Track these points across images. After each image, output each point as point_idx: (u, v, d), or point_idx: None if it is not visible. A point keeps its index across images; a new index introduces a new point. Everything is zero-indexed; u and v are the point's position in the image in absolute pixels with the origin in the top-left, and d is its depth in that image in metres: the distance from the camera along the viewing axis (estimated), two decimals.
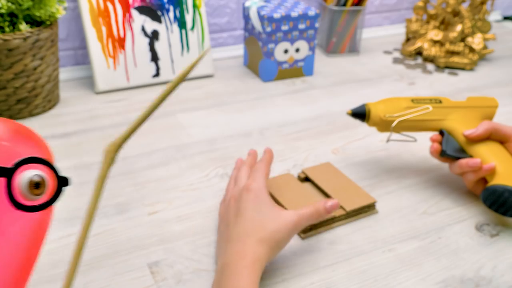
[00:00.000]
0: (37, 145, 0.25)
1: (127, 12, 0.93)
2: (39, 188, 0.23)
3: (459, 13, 1.12)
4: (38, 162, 0.23)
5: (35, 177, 0.23)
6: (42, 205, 0.23)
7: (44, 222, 0.25)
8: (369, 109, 0.67)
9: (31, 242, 0.25)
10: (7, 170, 0.22)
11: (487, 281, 0.54)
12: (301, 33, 0.99)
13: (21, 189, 0.22)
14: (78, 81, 0.99)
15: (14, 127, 0.24)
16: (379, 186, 0.70)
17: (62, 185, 0.24)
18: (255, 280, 0.47)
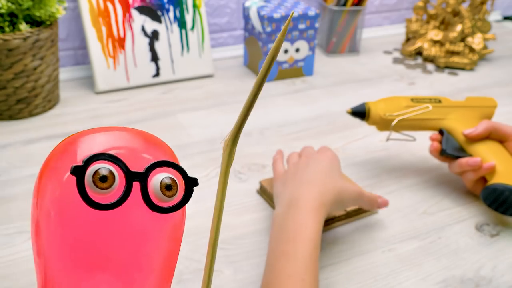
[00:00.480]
0: (163, 149, 0.26)
1: (127, 12, 0.93)
2: (171, 190, 0.24)
3: (459, 13, 1.12)
4: (167, 165, 0.24)
5: (166, 179, 0.24)
6: (176, 205, 0.24)
7: (179, 223, 0.26)
8: (369, 108, 0.67)
9: (170, 242, 0.26)
10: (140, 175, 0.23)
11: (487, 281, 0.54)
12: (301, 33, 0.99)
13: (154, 192, 0.24)
14: (78, 81, 0.99)
15: (142, 135, 0.26)
16: (379, 186, 0.70)
17: (192, 186, 0.25)
18: (320, 219, 0.52)
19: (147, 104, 0.90)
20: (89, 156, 0.22)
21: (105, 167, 0.22)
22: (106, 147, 0.24)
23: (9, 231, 0.59)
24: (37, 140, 0.78)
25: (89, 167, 0.22)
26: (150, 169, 0.24)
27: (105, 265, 0.24)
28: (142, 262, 0.25)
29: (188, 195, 0.25)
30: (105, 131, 0.25)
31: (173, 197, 0.24)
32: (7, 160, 0.73)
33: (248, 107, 0.22)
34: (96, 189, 0.22)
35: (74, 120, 0.84)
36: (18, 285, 0.52)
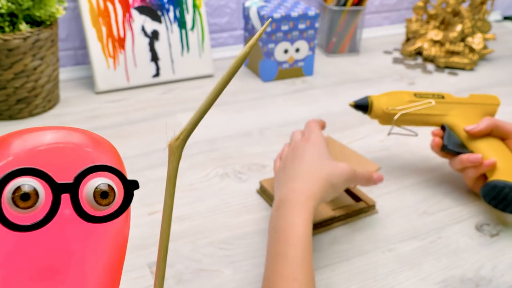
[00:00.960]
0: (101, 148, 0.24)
1: (127, 12, 0.93)
2: (107, 197, 0.22)
3: (459, 13, 1.12)
4: (102, 169, 0.22)
5: (101, 186, 0.22)
6: (113, 213, 0.22)
7: (121, 228, 0.25)
8: (371, 101, 0.67)
9: (112, 250, 0.24)
10: (69, 186, 0.21)
11: (487, 281, 0.54)
12: (301, 33, 0.99)
13: (88, 201, 0.22)
14: (78, 81, 0.99)
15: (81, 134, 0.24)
16: (379, 186, 0.70)
17: (132, 189, 0.23)
18: (308, 216, 0.51)
19: (147, 104, 0.90)
20: (6, 174, 0.19)
21: (27, 183, 0.20)
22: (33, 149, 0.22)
23: None
24: None
25: (8, 184, 0.20)
26: (81, 177, 0.21)
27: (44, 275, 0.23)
28: (85, 273, 0.23)
29: (127, 200, 0.23)
30: (33, 131, 0.23)
31: (110, 205, 0.22)
32: None
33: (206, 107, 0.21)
34: (17, 209, 0.20)
35: (74, 120, 0.84)
36: None
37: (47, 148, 0.22)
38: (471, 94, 0.71)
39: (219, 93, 0.21)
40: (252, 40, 0.21)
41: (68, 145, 0.23)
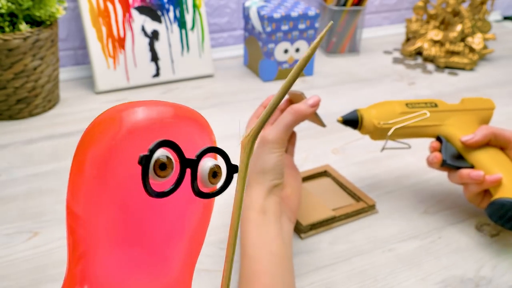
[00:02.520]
0: (206, 128, 0.27)
1: (127, 12, 0.93)
2: (216, 177, 0.24)
3: (459, 13, 1.12)
4: (214, 151, 0.24)
5: (214, 166, 0.24)
6: (218, 191, 0.25)
7: (211, 204, 0.27)
8: (361, 116, 0.61)
9: (201, 222, 0.27)
10: (192, 162, 0.23)
11: (487, 281, 0.54)
12: (301, 33, 0.99)
13: (202, 178, 0.24)
14: (78, 81, 0.99)
15: (183, 112, 0.26)
16: (379, 186, 0.70)
17: (233, 172, 0.25)
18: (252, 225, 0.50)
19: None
20: (155, 144, 0.22)
21: (166, 155, 0.22)
22: (159, 121, 0.24)
23: (9, 231, 0.59)
24: (37, 140, 0.78)
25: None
26: (201, 156, 0.24)
27: (140, 240, 0.25)
28: (174, 240, 0.26)
29: (228, 181, 0.25)
30: (152, 104, 0.25)
31: (216, 184, 0.25)
32: (7, 160, 0.73)
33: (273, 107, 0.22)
34: (155, 176, 0.22)
35: (74, 120, 0.84)
36: (18, 285, 0.52)
37: (170, 122, 0.25)
38: (463, 99, 0.66)
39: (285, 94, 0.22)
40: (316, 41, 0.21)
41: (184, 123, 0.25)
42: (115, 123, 0.24)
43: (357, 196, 0.65)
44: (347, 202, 0.65)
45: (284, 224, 0.51)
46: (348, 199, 0.65)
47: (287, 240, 0.51)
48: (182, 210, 0.26)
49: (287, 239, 0.51)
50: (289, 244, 0.51)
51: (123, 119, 0.24)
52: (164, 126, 0.25)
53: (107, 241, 0.24)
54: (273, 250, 0.48)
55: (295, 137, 0.61)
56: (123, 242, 0.25)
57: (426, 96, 0.97)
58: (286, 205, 0.53)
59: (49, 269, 0.54)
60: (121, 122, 0.24)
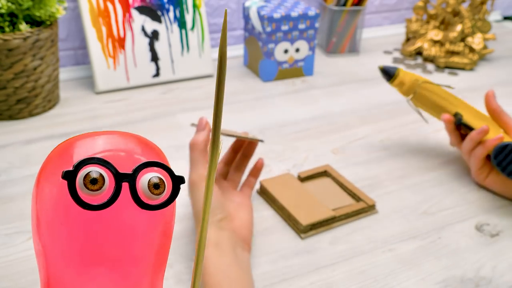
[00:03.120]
0: (153, 150, 0.28)
1: (127, 12, 0.93)
2: (158, 188, 0.25)
3: (459, 13, 1.12)
4: (155, 165, 0.26)
5: (154, 178, 0.25)
6: (164, 203, 0.26)
7: (169, 218, 0.28)
8: (399, 71, 0.72)
9: (161, 237, 0.28)
10: (128, 176, 0.25)
11: (487, 281, 0.54)
12: (301, 33, 0.99)
13: (143, 191, 0.25)
14: (78, 81, 0.99)
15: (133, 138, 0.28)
16: (379, 186, 0.70)
17: (179, 184, 0.26)
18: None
19: (147, 104, 0.91)
20: (79, 161, 0.24)
21: (95, 170, 0.24)
22: (98, 150, 0.26)
23: (9, 231, 0.59)
24: (37, 140, 0.78)
25: (80, 171, 0.24)
26: (138, 170, 0.25)
27: (101, 259, 0.26)
28: (136, 256, 0.27)
29: (175, 192, 0.26)
30: (97, 135, 0.27)
31: (161, 195, 0.25)
32: (7, 160, 0.73)
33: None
34: (87, 191, 0.24)
35: (74, 120, 0.84)
36: (18, 285, 0.52)
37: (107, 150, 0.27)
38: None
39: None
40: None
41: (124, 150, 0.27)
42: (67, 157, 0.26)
43: (357, 196, 0.65)
44: (347, 202, 0.65)
45: (239, 254, 0.52)
46: (348, 199, 0.65)
47: (245, 268, 0.52)
48: (136, 226, 0.27)
49: (245, 267, 0.52)
50: (248, 271, 0.52)
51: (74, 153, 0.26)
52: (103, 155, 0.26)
53: (74, 259, 0.26)
54: (232, 276, 0.49)
55: (257, 170, 0.64)
56: (84, 262, 0.26)
57: None
58: (237, 236, 0.54)
59: None
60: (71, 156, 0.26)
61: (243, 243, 0.54)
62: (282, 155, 0.76)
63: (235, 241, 0.53)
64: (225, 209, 0.55)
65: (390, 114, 0.89)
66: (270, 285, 0.53)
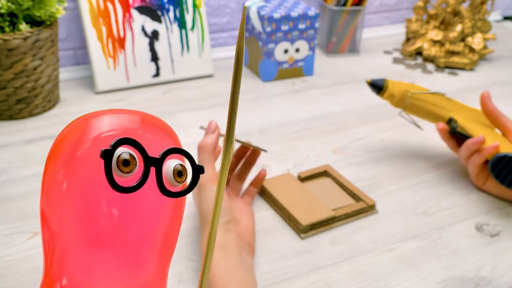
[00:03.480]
0: (171, 135, 0.28)
1: (127, 12, 0.93)
2: (181, 176, 0.25)
3: (459, 13, 1.12)
4: (179, 152, 0.25)
5: (178, 166, 0.25)
6: (184, 190, 0.25)
7: (182, 205, 0.28)
8: (387, 83, 0.71)
9: (172, 223, 0.28)
10: (157, 160, 0.25)
11: (487, 281, 0.54)
12: (301, 33, 0.99)
13: (167, 177, 0.25)
14: (78, 81, 0.99)
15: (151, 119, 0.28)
16: (379, 186, 0.70)
17: (198, 173, 0.26)
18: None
19: (147, 104, 0.90)
20: (116, 140, 0.23)
21: (128, 152, 0.23)
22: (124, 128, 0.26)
23: (9, 231, 0.59)
24: (37, 140, 0.78)
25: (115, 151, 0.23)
26: (165, 155, 0.25)
27: (111, 242, 0.26)
28: (147, 241, 0.27)
29: (195, 181, 0.26)
30: (117, 113, 0.27)
31: (182, 183, 0.25)
32: (7, 160, 0.73)
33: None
34: (119, 172, 0.23)
35: None
36: (18, 285, 0.52)
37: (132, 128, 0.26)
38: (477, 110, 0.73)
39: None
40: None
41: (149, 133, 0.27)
42: (80, 132, 0.25)
43: (357, 196, 0.65)
44: (347, 202, 0.65)
45: (244, 257, 0.52)
46: (348, 199, 0.65)
47: (249, 270, 0.52)
48: (152, 211, 0.26)
49: (249, 269, 0.52)
50: (252, 274, 0.52)
51: (88, 127, 0.25)
52: (129, 134, 0.26)
53: (78, 241, 0.25)
54: (237, 278, 0.49)
55: (259, 181, 0.64)
56: (94, 242, 0.25)
57: None
58: (242, 239, 0.55)
59: None
60: (85, 130, 0.25)
61: (248, 247, 0.55)
62: (282, 155, 0.76)
63: (240, 244, 0.53)
64: (232, 212, 0.55)
65: (390, 114, 0.89)
66: (270, 285, 0.53)
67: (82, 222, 0.25)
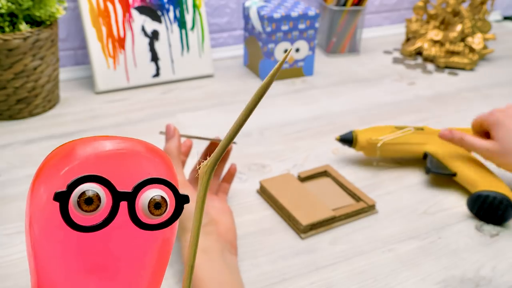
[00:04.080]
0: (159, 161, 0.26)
1: (127, 12, 0.93)
2: (159, 208, 0.23)
3: (459, 13, 1.12)
4: (158, 182, 0.24)
5: (155, 197, 0.23)
6: (164, 223, 0.24)
7: (169, 237, 0.26)
8: (356, 135, 0.72)
9: (159, 254, 0.26)
10: (128, 194, 0.23)
11: (487, 281, 0.54)
12: (301, 33, 0.99)
13: (143, 210, 0.23)
14: (78, 81, 0.99)
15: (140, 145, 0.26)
16: (379, 186, 0.70)
17: (182, 203, 0.24)
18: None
19: (147, 104, 0.91)
20: (73, 180, 0.22)
21: (91, 189, 0.22)
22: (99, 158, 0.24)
23: (9, 231, 0.59)
24: (37, 140, 0.78)
25: (75, 189, 0.22)
26: (139, 188, 0.23)
27: (94, 269, 0.25)
28: (130, 272, 0.25)
29: (177, 212, 0.24)
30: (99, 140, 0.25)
31: (162, 215, 0.24)
32: (7, 160, 0.73)
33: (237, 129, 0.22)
34: (81, 211, 0.22)
35: (74, 120, 0.84)
36: (19, 285, 0.52)
37: (109, 154, 0.24)
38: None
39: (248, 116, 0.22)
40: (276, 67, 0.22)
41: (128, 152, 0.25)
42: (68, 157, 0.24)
43: (357, 196, 0.65)
44: (347, 202, 0.65)
45: (227, 258, 0.52)
46: (348, 199, 0.65)
47: (235, 271, 0.52)
48: (133, 244, 0.25)
49: (234, 270, 0.52)
50: (237, 274, 0.52)
51: (76, 153, 0.24)
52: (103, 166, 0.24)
53: (67, 274, 0.24)
54: (222, 280, 0.49)
55: (230, 176, 0.64)
56: (83, 278, 0.25)
57: (427, 96, 0.97)
58: (224, 240, 0.54)
59: None
60: (73, 156, 0.24)
61: (230, 246, 0.55)
62: (282, 155, 0.76)
63: (223, 245, 0.53)
64: (209, 214, 0.54)
65: (390, 114, 0.89)
66: (270, 285, 0.53)
67: (68, 256, 0.24)
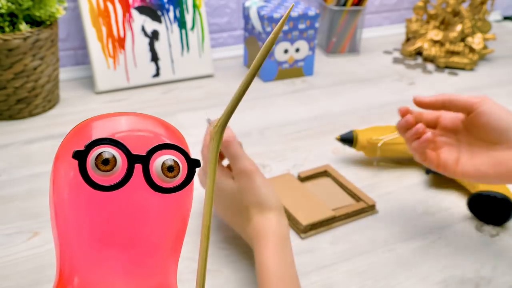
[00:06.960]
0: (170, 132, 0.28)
1: (127, 12, 0.93)
2: (172, 171, 0.25)
3: (459, 13, 1.12)
4: (170, 147, 0.25)
5: (168, 161, 0.25)
6: (178, 186, 0.25)
7: (185, 202, 0.28)
8: (356, 135, 0.72)
9: (175, 221, 0.27)
10: (142, 157, 0.24)
11: (487, 281, 0.54)
12: (301, 33, 0.99)
13: (157, 173, 0.25)
14: (78, 81, 0.99)
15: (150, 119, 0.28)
16: (379, 186, 0.70)
17: (194, 167, 0.25)
18: None
19: (147, 104, 0.91)
20: (91, 141, 0.23)
21: (107, 151, 0.24)
22: (115, 131, 0.26)
23: (9, 231, 0.59)
24: (37, 140, 0.78)
25: (93, 151, 0.23)
26: (152, 152, 0.25)
27: (113, 241, 0.26)
28: (148, 239, 0.27)
29: (190, 175, 0.25)
30: (115, 116, 0.27)
31: (175, 178, 0.25)
32: (7, 160, 0.73)
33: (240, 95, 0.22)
34: (98, 171, 0.24)
35: (74, 120, 0.84)
36: (19, 285, 0.52)
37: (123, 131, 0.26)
38: None
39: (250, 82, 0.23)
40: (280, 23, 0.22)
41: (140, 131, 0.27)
42: (87, 132, 0.26)
43: (357, 196, 0.65)
44: (347, 202, 0.65)
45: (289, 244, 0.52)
46: (348, 199, 0.65)
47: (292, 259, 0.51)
48: (149, 208, 0.26)
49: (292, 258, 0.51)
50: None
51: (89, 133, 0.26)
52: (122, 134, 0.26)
53: (86, 239, 0.26)
54: (293, 273, 0.48)
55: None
56: (101, 242, 0.26)
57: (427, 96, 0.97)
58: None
59: (49, 269, 0.54)
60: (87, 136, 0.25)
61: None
62: (282, 155, 0.76)
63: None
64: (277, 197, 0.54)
65: (390, 114, 0.89)
66: None
67: (88, 220, 0.25)
